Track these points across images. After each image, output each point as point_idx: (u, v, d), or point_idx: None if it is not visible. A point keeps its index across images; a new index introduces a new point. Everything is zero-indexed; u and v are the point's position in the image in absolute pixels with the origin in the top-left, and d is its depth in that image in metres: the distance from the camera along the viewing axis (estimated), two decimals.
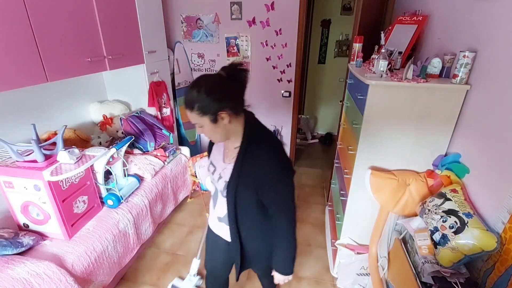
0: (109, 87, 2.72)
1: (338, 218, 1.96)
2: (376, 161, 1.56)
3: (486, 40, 1.23)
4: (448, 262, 1.10)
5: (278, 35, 3.00)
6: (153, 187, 2.21)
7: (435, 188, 1.40)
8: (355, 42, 1.87)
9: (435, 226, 1.17)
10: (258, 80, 3.27)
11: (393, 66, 1.67)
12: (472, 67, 1.30)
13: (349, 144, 1.75)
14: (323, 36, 4.24)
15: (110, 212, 1.85)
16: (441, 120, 1.40)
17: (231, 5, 2.95)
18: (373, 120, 1.46)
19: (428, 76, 1.45)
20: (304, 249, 2.32)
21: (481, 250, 1.03)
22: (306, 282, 2.01)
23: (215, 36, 3.12)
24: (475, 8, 1.33)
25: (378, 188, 1.50)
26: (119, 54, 2.15)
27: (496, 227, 1.06)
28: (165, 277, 2.04)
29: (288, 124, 3.43)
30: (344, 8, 4.02)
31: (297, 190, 3.16)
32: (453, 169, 1.35)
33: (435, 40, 1.72)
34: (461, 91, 1.33)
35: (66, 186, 1.58)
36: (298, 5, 2.84)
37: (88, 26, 1.89)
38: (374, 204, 1.60)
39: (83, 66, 1.86)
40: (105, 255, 1.68)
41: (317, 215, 2.74)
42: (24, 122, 1.87)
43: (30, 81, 1.53)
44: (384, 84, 1.39)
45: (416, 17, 1.83)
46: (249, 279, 2.03)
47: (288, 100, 3.31)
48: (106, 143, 2.38)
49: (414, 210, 1.44)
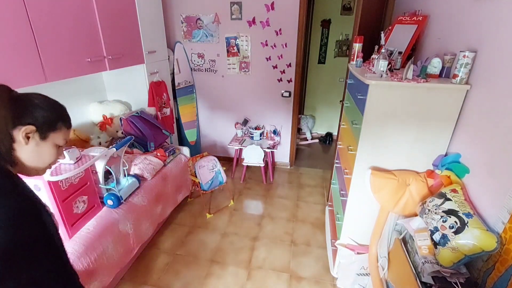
0: (109, 87, 2.72)
1: (338, 218, 1.96)
2: (376, 161, 1.56)
3: (486, 40, 1.23)
4: (448, 262, 1.10)
5: (278, 35, 3.00)
6: (153, 187, 2.21)
7: (435, 188, 1.40)
8: (355, 42, 1.87)
9: (435, 226, 1.17)
10: (258, 80, 3.27)
11: (393, 66, 1.67)
12: (472, 67, 1.30)
13: (349, 144, 1.75)
14: (323, 36, 4.24)
15: (110, 212, 1.85)
16: (441, 120, 1.40)
17: (231, 5, 2.95)
18: (373, 120, 1.46)
19: (428, 76, 1.45)
20: (304, 249, 2.32)
21: (481, 250, 1.03)
22: (306, 282, 2.01)
23: (215, 36, 3.12)
24: (475, 8, 1.33)
25: (378, 188, 1.50)
26: (119, 54, 2.15)
27: (496, 227, 1.06)
28: (165, 277, 2.04)
29: (288, 124, 3.43)
30: (344, 8, 4.02)
31: (297, 190, 3.17)
32: (453, 169, 1.35)
33: (435, 40, 1.72)
34: (461, 91, 1.33)
35: (66, 186, 1.57)
36: (298, 5, 2.84)
37: (88, 26, 1.88)
38: (374, 204, 1.60)
39: (83, 66, 1.86)
40: (105, 255, 1.68)
41: (317, 215, 2.74)
42: None
43: (30, 81, 1.53)
44: (384, 84, 1.39)
45: (416, 17, 1.83)
46: (249, 279, 2.03)
47: (288, 100, 3.31)
48: (106, 143, 2.38)
49: (414, 210, 1.44)
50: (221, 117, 3.57)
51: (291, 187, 3.24)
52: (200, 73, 3.36)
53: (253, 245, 2.35)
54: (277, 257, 2.23)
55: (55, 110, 0.76)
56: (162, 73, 2.81)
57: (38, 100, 0.74)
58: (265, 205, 2.90)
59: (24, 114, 0.69)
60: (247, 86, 3.33)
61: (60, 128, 0.76)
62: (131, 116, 2.41)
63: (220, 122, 3.61)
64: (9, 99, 0.68)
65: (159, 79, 2.74)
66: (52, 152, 0.76)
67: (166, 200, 2.38)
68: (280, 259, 2.21)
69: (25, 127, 0.68)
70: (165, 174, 2.38)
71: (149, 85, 2.61)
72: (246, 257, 2.23)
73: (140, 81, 2.59)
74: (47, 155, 0.76)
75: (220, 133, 3.67)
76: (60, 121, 0.76)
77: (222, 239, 2.40)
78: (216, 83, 3.38)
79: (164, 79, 2.83)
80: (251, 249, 2.31)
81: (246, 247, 2.32)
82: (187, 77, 3.31)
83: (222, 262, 2.17)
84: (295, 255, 2.26)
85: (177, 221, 2.62)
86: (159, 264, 2.15)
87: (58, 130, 0.75)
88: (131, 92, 2.69)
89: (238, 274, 2.07)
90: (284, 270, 2.11)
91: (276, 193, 3.11)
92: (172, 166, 2.50)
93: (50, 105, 0.75)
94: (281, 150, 3.60)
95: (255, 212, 2.78)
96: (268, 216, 2.72)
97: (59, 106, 0.79)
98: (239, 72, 3.26)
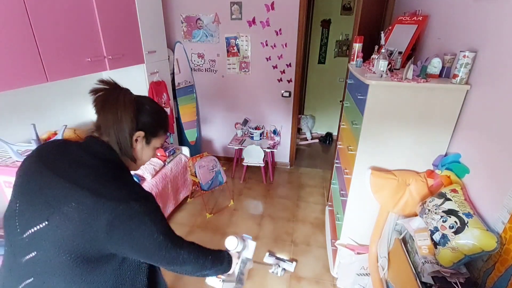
0: None
1: (338, 218, 1.96)
2: (376, 161, 1.56)
3: (486, 40, 1.23)
4: (448, 262, 1.10)
5: (278, 35, 3.00)
6: (153, 187, 2.21)
7: (435, 188, 1.40)
8: (355, 42, 1.87)
9: (435, 226, 1.17)
10: (258, 80, 3.27)
11: (393, 66, 1.67)
12: (472, 67, 1.30)
13: (349, 144, 1.75)
14: (323, 36, 4.24)
15: None
16: (441, 120, 1.40)
17: (231, 5, 2.95)
18: (373, 120, 1.46)
19: (428, 76, 1.45)
20: (304, 249, 2.32)
21: (481, 250, 1.03)
22: (306, 282, 2.01)
23: (215, 36, 3.12)
24: (475, 8, 1.33)
25: (378, 188, 1.50)
26: (119, 54, 2.15)
27: (496, 227, 1.06)
28: (165, 277, 2.03)
29: (288, 124, 3.43)
30: (344, 8, 4.02)
31: (297, 190, 3.17)
32: (453, 169, 1.35)
33: (435, 40, 1.72)
34: (461, 91, 1.33)
35: None
36: (298, 5, 2.84)
37: (88, 26, 1.88)
38: (374, 204, 1.60)
39: (83, 66, 1.86)
40: None
41: (317, 215, 2.74)
42: (24, 122, 1.87)
43: (30, 81, 1.53)
44: (384, 84, 1.39)
45: (416, 17, 1.83)
46: (249, 279, 2.03)
47: (288, 100, 3.31)
48: None
49: (414, 210, 1.44)
50: (221, 117, 3.57)
51: (291, 187, 3.24)
52: (200, 73, 3.36)
53: None
54: None
55: (159, 118, 0.83)
56: (162, 73, 2.81)
57: (149, 106, 0.80)
58: (265, 205, 2.90)
59: (138, 119, 0.76)
60: (247, 86, 3.33)
61: (160, 135, 0.84)
62: None
63: (220, 122, 3.61)
64: (134, 105, 0.75)
65: (159, 79, 2.74)
66: (151, 153, 0.85)
67: (166, 200, 2.38)
68: None
69: (138, 133, 0.77)
70: (165, 174, 2.38)
71: (149, 85, 2.60)
72: None
73: (140, 81, 2.59)
74: (147, 156, 0.85)
75: (220, 133, 3.67)
76: (161, 129, 0.83)
77: (222, 239, 2.40)
78: (216, 83, 3.38)
79: (164, 79, 2.83)
80: None
81: None
82: (187, 77, 3.31)
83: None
84: (295, 255, 2.26)
85: (177, 221, 2.61)
86: None
87: (158, 136, 0.83)
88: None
89: None
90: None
91: (276, 193, 3.11)
92: (172, 166, 2.51)
93: (156, 112, 0.82)
94: (281, 150, 3.60)
95: (255, 212, 2.78)
96: (268, 216, 2.72)
97: (163, 113, 0.85)
98: (239, 72, 3.26)
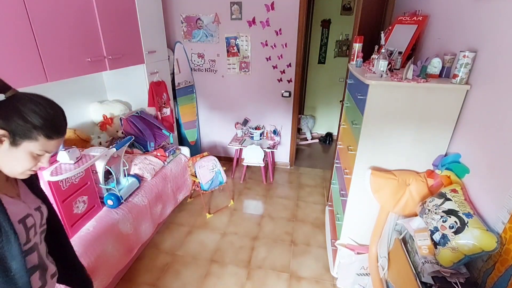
0: (109, 87, 2.72)
1: (338, 218, 1.96)
2: (376, 161, 1.56)
3: (486, 40, 1.23)
4: (448, 262, 1.10)
5: (278, 35, 3.00)
6: (153, 187, 2.21)
7: (435, 188, 1.40)
8: (355, 42, 1.87)
9: (435, 226, 1.17)
10: (258, 80, 3.27)
11: (393, 66, 1.67)
12: (472, 67, 1.30)
13: (349, 144, 1.75)
14: (323, 36, 4.24)
15: (110, 212, 1.85)
16: (441, 120, 1.40)
17: (231, 5, 2.95)
18: (373, 120, 1.46)
19: (428, 76, 1.45)
20: (304, 249, 2.32)
21: (481, 250, 1.03)
22: (306, 282, 2.01)
23: (215, 36, 3.12)
24: (475, 8, 1.33)
25: (378, 188, 1.50)
26: (119, 54, 2.15)
27: (496, 227, 1.06)
28: (164, 277, 2.04)
29: (288, 124, 3.43)
30: (344, 8, 4.02)
31: (297, 190, 3.17)
32: (453, 169, 1.35)
33: (435, 40, 1.72)
34: (461, 91, 1.33)
35: (66, 186, 1.57)
36: (298, 5, 2.84)
37: (88, 26, 1.88)
38: (374, 204, 1.60)
39: (83, 66, 1.86)
40: (105, 255, 1.68)
41: (317, 215, 2.74)
42: None
43: (30, 81, 1.53)
44: (384, 84, 1.39)
45: (416, 17, 1.83)
46: (249, 279, 2.03)
47: (288, 100, 3.31)
48: (106, 143, 2.38)
49: (414, 210, 1.44)
50: (221, 117, 3.57)
51: (291, 187, 3.24)
52: (200, 73, 3.36)
53: (253, 245, 2.35)
54: (277, 257, 2.23)
55: (39, 119, 0.71)
56: (162, 73, 2.81)
57: (27, 106, 0.70)
58: (265, 205, 2.90)
59: (5, 117, 0.68)
60: (247, 86, 3.33)
61: (36, 139, 0.72)
62: (131, 116, 2.41)
63: (220, 122, 3.61)
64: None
65: (159, 79, 2.74)
66: (25, 159, 0.73)
67: (166, 200, 2.38)
68: (280, 259, 2.21)
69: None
70: (165, 174, 2.38)
71: (149, 85, 2.61)
72: (246, 257, 2.23)
73: (140, 81, 2.59)
74: (19, 162, 0.73)
75: (220, 133, 3.67)
76: (39, 131, 0.71)
77: (222, 239, 2.40)
78: (216, 83, 3.38)
79: (164, 79, 2.83)
80: (251, 249, 2.31)
81: (246, 247, 2.32)
82: (187, 77, 3.31)
83: (221, 262, 2.17)
84: (295, 255, 2.26)
85: (177, 221, 2.62)
86: (159, 264, 2.15)
87: (33, 139, 0.71)
88: (131, 92, 2.69)
89: (238, 274, 2.07)
90: (284, 270, 2.11)
91: (276, 193, 3.11)
92: (172, 166, 2.50)
93: (37, 114, 0.71)
94: (281, 150, 3.60)
95: (255, 212, 2.78)
96: (268, 216, 2.72)
97: (50, 117, 0.74)
98: (239, 72, 3.26)
